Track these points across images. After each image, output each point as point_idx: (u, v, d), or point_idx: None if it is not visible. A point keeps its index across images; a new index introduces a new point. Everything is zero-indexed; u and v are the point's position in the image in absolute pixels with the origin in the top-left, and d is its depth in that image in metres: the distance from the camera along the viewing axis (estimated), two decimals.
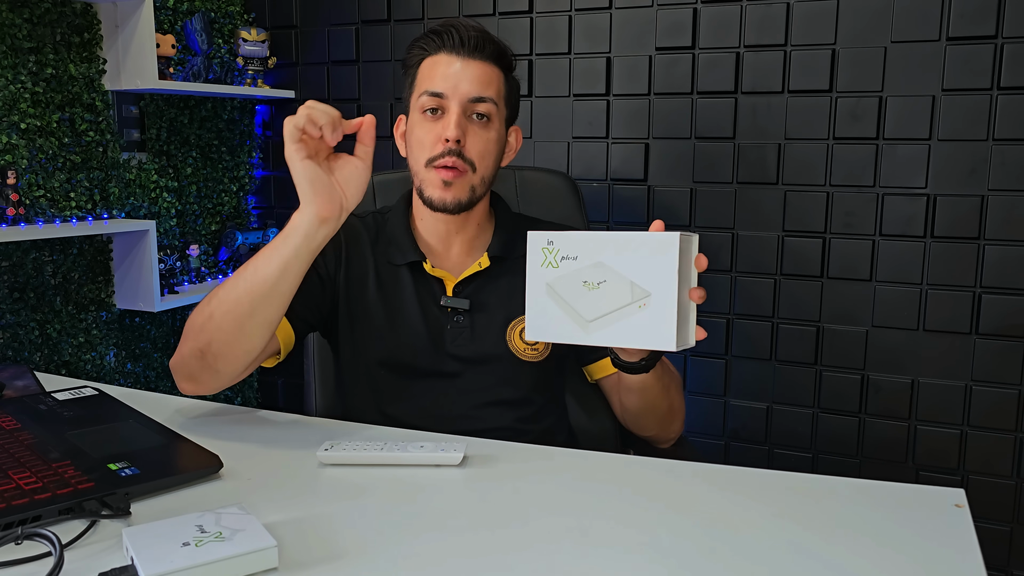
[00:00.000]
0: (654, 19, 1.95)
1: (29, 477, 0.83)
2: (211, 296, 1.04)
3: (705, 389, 2.03)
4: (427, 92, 1.14)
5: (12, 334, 1.80)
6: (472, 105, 1.14)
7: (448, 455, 0.92)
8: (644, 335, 0.88)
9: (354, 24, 2.27)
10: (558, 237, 0.93)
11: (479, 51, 1.15)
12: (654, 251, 0.87)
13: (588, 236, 0.91)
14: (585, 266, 0.91)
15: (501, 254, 1.22)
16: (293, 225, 0.98)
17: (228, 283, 1.02)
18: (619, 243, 0.89)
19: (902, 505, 0.83)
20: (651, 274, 0.88)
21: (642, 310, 0.88)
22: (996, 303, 1.76)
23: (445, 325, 1.19)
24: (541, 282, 0.94)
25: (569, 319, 0.92)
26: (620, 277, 0.89)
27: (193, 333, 1.04)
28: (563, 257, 0.92)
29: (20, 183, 1.77)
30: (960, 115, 1.74)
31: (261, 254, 1.00)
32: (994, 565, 1.81)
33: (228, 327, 1.01)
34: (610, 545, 0.75)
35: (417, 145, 1.16)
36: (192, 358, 1.04)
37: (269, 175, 2.47)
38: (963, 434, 1.82)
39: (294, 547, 0.73)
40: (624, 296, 0.89)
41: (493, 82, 1.16)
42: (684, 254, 0.89)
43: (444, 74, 1.14)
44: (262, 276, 0.99)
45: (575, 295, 0.91)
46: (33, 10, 1.79)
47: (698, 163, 1.96)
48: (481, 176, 1.16)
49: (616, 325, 0.89)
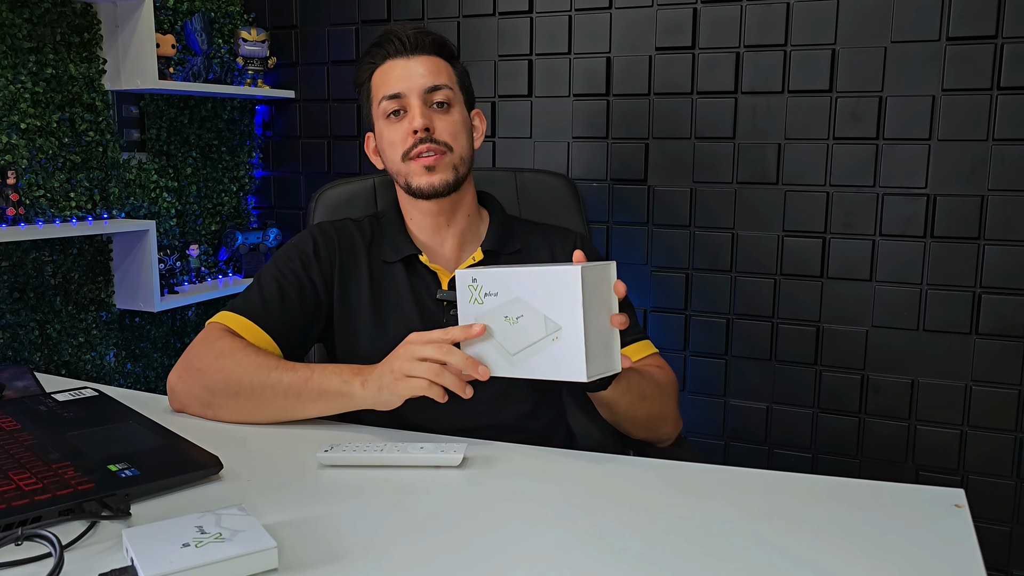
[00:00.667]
0: (654, 19, 1.95)
1: (29, 478, 0.83)
2: (240, 369, 1.06)
3: (705, 389, 2.03)
4: (385, 97, 1.18)
5: (12, 334, 1.80)
6: (429, 95, 1.18)
7: (448, 456, 0.92)
8: (559, 367, 0.91)
9: (354, 24, 2.27)
10: (480, 274, 0.96)
11: (420, 47, 1.19)
12: (561, 285, 0.90)
13: (506, 272, 0.94)
14: (505, 301, 0.94)
15: (495, 248, 1.24)
16: (352, 395, 1.02)
17: (259, 375, 1.05)
18: (532, 278, 0.92)
19: (902, 505, 0.83)
20: (560, 308, 0.90)
21: (555, 343, 0.91)
22: (996, 303, 1.76)
23: (441, 318, 1.19)
24: (470, 318, 0.97)
25: (498, 354, 0.95)
26: (534, 311, 0.92)
27: (200, 384, 1.08)
28: (486, 293, 0.95)
29: (20, 183, 1.78)
30: (960, 115, 1.74)
31: (310, 381, 1.04)
32: (994, 565, 1.81)
33: (244, 409, 1.07)
34: (610, 546, 0.75)
35: (389, 147, 1.20)
36: (194, 400, 1.10)
37: (269, 175, 2.47)
38: (963, 434, 1.82)
39: (294, 548, 0.73)
40: (539, 330, 0.92)
41: (442, 70, 1.20)
42: (596, 284, 0.91)
43: (396, 76, 1.18)
44: (298, 407, 1.05)
45: (499, 330, 0.95)
46: (33, 10, 1.79)
47: (698, 163, 1.96)
48: (459, 155, 1.19)
49: (536, 358, 0.93)
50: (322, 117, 2.35)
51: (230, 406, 1.07)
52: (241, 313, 1.15)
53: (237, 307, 1.16)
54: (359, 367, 1.04)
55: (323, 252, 1.22)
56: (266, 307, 1.16)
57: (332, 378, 1.03)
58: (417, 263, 1.22)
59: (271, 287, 1.18)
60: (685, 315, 2.02)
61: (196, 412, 1.10)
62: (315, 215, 1.44)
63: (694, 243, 1.98)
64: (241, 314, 1.14)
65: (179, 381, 1.11)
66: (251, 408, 1.06)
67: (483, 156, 2.16)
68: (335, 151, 2.35)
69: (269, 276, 1.19)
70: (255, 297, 1.17)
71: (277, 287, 1.18)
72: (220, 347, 1.09)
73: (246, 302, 1.16)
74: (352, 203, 1.45)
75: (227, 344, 1.09)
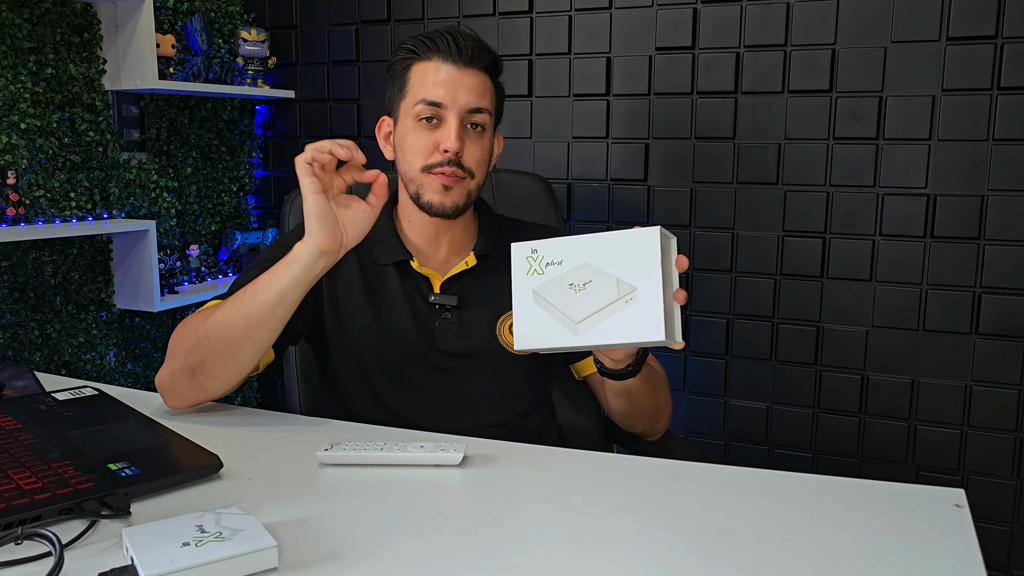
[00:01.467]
0: (654, 19, 1.95)
1: (29, 477, 0.83)
2: (203, 317, 1.07)
3: (705, 389, 2.03)
4: (424, 101, 1.14)
5: (12, 334, 1.80)
6: (469, 116, 1.15)
7: (448, 455, 0.92)
8: (633, 329, 0.88)
9: (354, 24, 2.27)
10: (542, 245, 0.94)
11: (475, 61, 1.15)
12: (635, 246, 0.88)
13: (571, 240, 0.92)
14: (570, 269, 0.92)
15: (487, 252, 1.23)
16: (295, 254, 1.02)
17: (224, 306, 1.05)
18: (601, 243, 0.90)
19: (902, 505, 0.83)
20: (635, 269, 0.88)
21: (629, 304, 0.88)
22: (996, 303, 1.76)
23: (433, 322, 1.19)
24: (527, 290, 0.94)
25: (558, 323, 0.92)
26: (605, 275, 0.90)
27: (183, 352, 1.07)
28: (548, 263, 0.93)
29: (20, 183, 1.78)
30: (960, 115, 1.74)
31: (260, 280, 1.04)
32: (994, 565, 1.81)
33: (223, 349, 1.05)
34: (610, 545, 0.75)
35: (411, 152, 1.16)
36: (182, 375, 1.07)
37: (269, 175, 2.47)
38: (963, 434, 1.82)
39: (294, 547, 0.73)
40: (611, 293, 0.89)
41: (488, 92, 1.17)
42: (665, 252, 0.89)
43: (441, 83, 1.13)
44: (260, 301, 1.03)
45: (562, 298, 0.92)
46: (33, 10, 1.79)
47: (698, 163, 1.96)
48: (477, 183, 1.18)
49: (605, 323, 0.90)
50: (322, 117, 2.35)
51: (210, 356, 1.05)
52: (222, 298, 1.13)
53: (223, 296, 1.14)
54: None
55: None
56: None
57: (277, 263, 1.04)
58: (408, 267, 1.21)
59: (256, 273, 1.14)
60: (685, 315, 2.02)
61: (188, 389, 1.08)
62: (289, 217, 1.41)
63: (694, 243, 1.98)
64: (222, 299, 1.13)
65: (162, 371, 1.10)
66: (225, 344, 1.04)
67: None
68: None
69: (255, 270, 1.16)
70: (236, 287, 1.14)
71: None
72: (186, 321, 1.10)
73: (228, 291, 1.14)
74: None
75: (192, 316, 1.10)
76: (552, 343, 0.93)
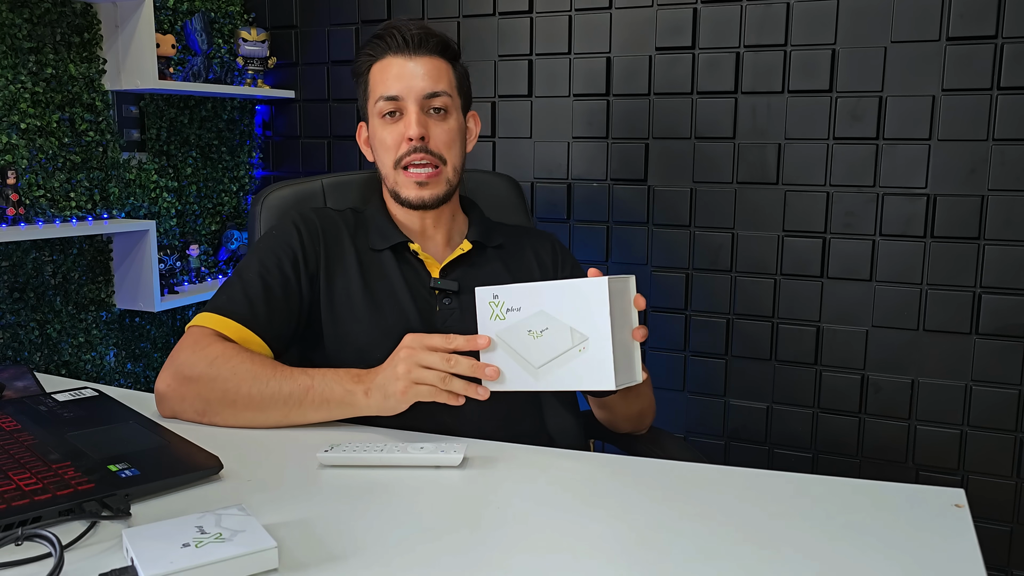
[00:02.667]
0: (654, 19, 1.95)
1: (29, 478, 0.83)
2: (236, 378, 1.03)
3: (705, 389, 2.03)
4: (382, 97, 1.17)
5: (12, 334, 1.80)
6: (428, 101, 1.17)
7: (448, 456, 0.92)
8: (586, 377, 0.93)
9: (354, 24, 2.27)
10: (502, 291, 0.97)
11: (423, 47, 1.18)
12: (587, 297, 0.92)
13: (529, 287, 0.96)
14: (529, 315, 0.95)
15: (481, 240, 1.25)
16: (355, 403, 1.01)
17: (264, 384, 1.03)
18: (556, 291, 0.94)
19: (902, 505, 0.83)
20: (587, 318, 0.92)
21: (582, 353, 0.92)
22: (996, 303, 1.76)
23: (434, 307, 1.19)
24: (492, 334, 0.98)
25: (520, 367, 0.96)
26: (560, 324, 0.93)
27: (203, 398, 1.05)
28: (508, 309, 0.97)
29: (20, 183, 1.78)
30: (960, 115, 1.74)
31: (312, 393, 1.02)
32: (994, 565, 1.81)
33: (245, 420, 1.05)
34: (610, 545, 0.75)
35: (382, 148, 1.19)
36: (191, 411, 1.06)
37: (269, 175, 2.47)
38: (963, 434, 1.82)
39: (294, 548, 0.73)
40: (565, 341, 0.93)
41: (443, 74, 1.19)
42: (619, 296, 0.93)
43: (395, 75, 1.17)
44: (302, 414, 1.04)
45: (522, 344, 0.96)
46: (33, 10, 1.79)
47: (698, 163, 1.96)
48: (452, 166, 1.20)
49: (562, 370, 0.94)
50: (322, 117, 2.35)
51: (227, 414, 1.05)
52: (226, 314, 1.10)
53: (220, 307, 1.11)
54: (358, 373, 1.02)
55: (307, 242, 1.18)
56: (252, 307, 1.11)
57: (334, 387, 1.02)
58: (407, 252, 1.21)
59: (255, 285, 1.13)
60: (685, 315, 2.02)
61: (190, 419, 1.07)
62: (261, 218, 1.36)
63: (694, 243, 1.98)
64: (226, 315, 1.10)
65: (169, 389, 1.06)
66: (249, 416, 1.04)
67: (483, 157, 2.16)
68: (335, 151, 2.35)
69: (252, 272, 1.14)
70: (239, 296, 1.12)
71: (262, 284, 1.13)
72: (211, 354, 1.05)
73: (230, 302, 1.12)
74: (299, 205, 1.37)
75: (218, 351, 1.05)
76: (516, 386, 0.97)
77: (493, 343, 0.98)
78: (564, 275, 1.30)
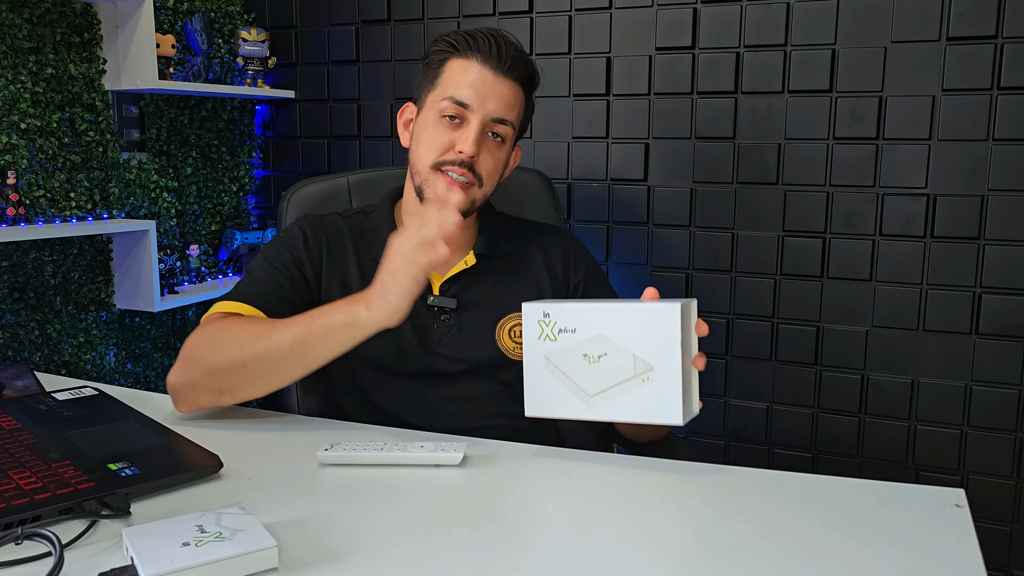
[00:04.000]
0: (654, 19, 1.95)
1: (29, 477, 0.83)
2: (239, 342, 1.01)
3: (705, 389, 2.01)
4: (452, 98, 1.12)
5: (12, 334, 1.80)
6: (493, 124, 1.13)
7: (448, 455, 0.92)
8: (649, 409, 0.86)
9: (354, 24, 2.27)
10: (554, 309, 0.90)
11: (512, 71, 1.13)
12: (655, 323, 0.85)
13: (586, 307, 0.89)
14: (584, 339, 0.88)
15: (487, 252, 1.22)
16: (359, 320, 0.97)
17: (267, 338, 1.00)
18: (619, 314, 0.87)
19: (902, 505, 0.83)
20: (653, 346, 0.85)
21: (646, 384, 0.86)
22: (996, 303, 1.76)
23: (432, 324, 1.18)
24: (539, 355, 0.91)
25: (570, 393, 0.90)
26: (622, 350, 0.86)
27: (210, 371, 1.03)
28: (561, 330, 0.90)
29: (20, 183, 1.78)
30: (960, 115, 1.74)
31: (315, 328, 0.99)
32: (994, 565, 1.81)
33: (259, 381, 1.02)
34: (610, 545, 0.75)
35: (427, 145, 1.14)
36: (205, 391, 1.05)
37: (269, 175, 2.47)
38: (963, 434, 1.82)
39: (294, 547, 0.73)
40: (627, 370, 0.86)
41: (516, 105, 1.15)
42: (685, 322, 0.87)
43: (473, 84, 1.12)
44: (311, 354, 1.00)
45: (576, 369, 0.89)
46: (33, 10, 1.79)
47: (698, 163, 1.96)
48: (484, 192, 1.17)
49: (620, 399, 0.87)
50: (322, 117, 2.35)
51: (242, 383, 1.02)
52: (235, 300, 1.11)
53: (229, 296, 1.12)
54: (353, 296, 1.00)
55: (312, 244, 1.19)
56: (260, 293, 1.12)
57: (335, 314, 0.99)
58: None
59: (263, 277, 1.14)
60: None
61: (209, 403, 1.06)
62: (287, 215, 1.40)
63: (694, 243, 1.98)
64: (235, 300, 1.11)
65: (180, 378, 1.05)
66: (264, 374, 1.02)
67: None
68: (335, 151, 2.35)
69: (259, 268, 1.16)
70: (246, 286, 1.13)
71: (269, 277, 1.14)
72: (213, 331, 1.05)
73: (240, 294, 1.12)
74: (325, 202, 1.41)
75: (219, 326, 1.05)
76: (564, 413, 0.90)
77: (542, 364, 0.91)
78: (576, 279, 1.26)
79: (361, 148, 2.29)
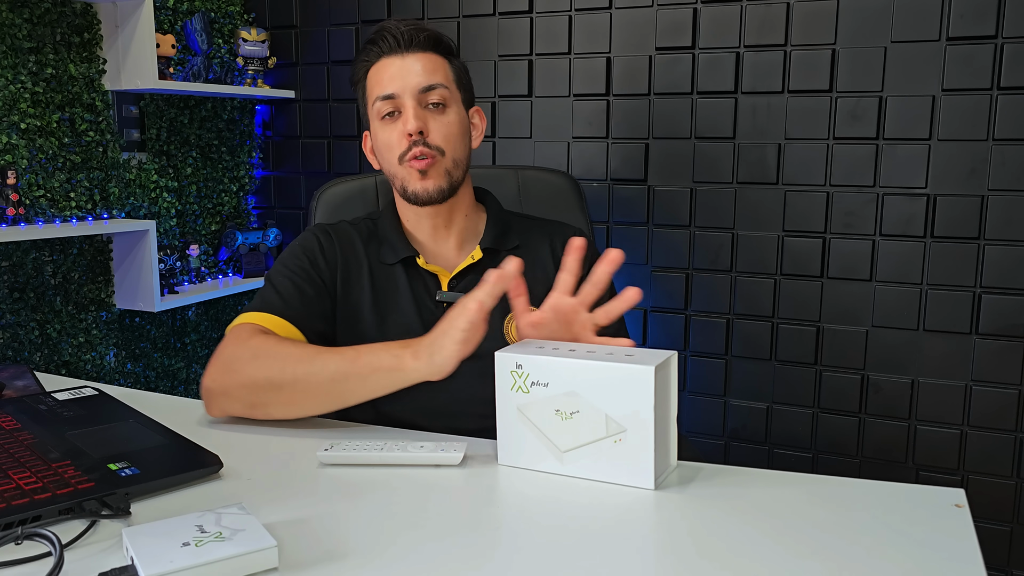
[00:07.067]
0: (654, 19, 1.95)
1: (29, 477, 0.83)
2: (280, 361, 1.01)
3: (705, 389, 2.03)
4: (379, 97, 1.16)
5: (12, 334, 1.80)
6: (424, 95, 1.16)
7: (448, 455, 0.92)
8: (620, 471, 0.85)
9: (354, 24, 2.27)
10: (527, 361, 0.88)
11: (415, 44, 1.17)
12: (629, 384, 0.82)
13: (559, 362, 0.86)
14: (557, 393, 0.86)
15: (493, 246, 1.23)
16: (404, 366, 0.96)
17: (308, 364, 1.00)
18: (592, 372, 0.84)
19: (902, 505, 0.83)
20: (627, 408, 0.83)
21: (618, 445, 0.84)
22: (996, 303, 1.76)
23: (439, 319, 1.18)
24: (512, 406, 0.90)
25: (543, 447, 0.89)
26: (595, 409, 0.84)
27: (249, 386, 1.03)
28: (533, 382, 0.88)
29: (20, 183, 1.78)
30: (960, 115, 1.74)
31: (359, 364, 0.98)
32: (994, 565, 1.81)
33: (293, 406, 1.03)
34: (610, 545, 0.75)
35: (385, 148, 1.18)
36: (239, 403, 1.05)
37: (269, 175, 2.47)
38: (963, 434, 1.82)
39: (294, 547, 0.73)
40: (599, 430, 0.84)
41: (438, 68, 1.18)
42: (661, 382, 0.84)
43: (390, 75, 1.16)
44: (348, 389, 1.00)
45: (547, 423, 0.87)
46: (33, 10, 1.79)
47: (698, 163, 1.96)
48: (452, 159, 1.18)
49: (591, 458, 0.86)
50: (322, 117, 2.35)
51: (278, 402, 1.03)
52: (262, 311, 1.12)
53: (257, 307, 1.13)
54: (403, 341, 1.00)
55: (328, 251, 1.21)
56: (286, 302, 1.14)
57: (381, 355, 0.98)
58: (415, 265, 1.21)
59: (285, 285, 1.16)
60: (685, 315, 2.02)
61: (240, 413, 1.06)
62: (317, 214, 1.43)
63: (694, 243, 1.98)
64: (263, 311, 1.12)
65: (216, 385, 1.05)
66: (300, 399, 1.02)
67: (483, 156, 2.16)
68: (335, 151, 2.35)
69: (280, 276, 1.18)
70: (272, 296, 1.15)
71: (292, 284, 1.16)
72: (254, 345, 1.05)
73: (264, 301, 1.14)
74: (354, 201, 1.44)
75: (261, 341, 1.05)
76: (537, 466, 0.90)
77: (514, 415, 0.90)
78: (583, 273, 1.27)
79: (361, 148, 2.29)
